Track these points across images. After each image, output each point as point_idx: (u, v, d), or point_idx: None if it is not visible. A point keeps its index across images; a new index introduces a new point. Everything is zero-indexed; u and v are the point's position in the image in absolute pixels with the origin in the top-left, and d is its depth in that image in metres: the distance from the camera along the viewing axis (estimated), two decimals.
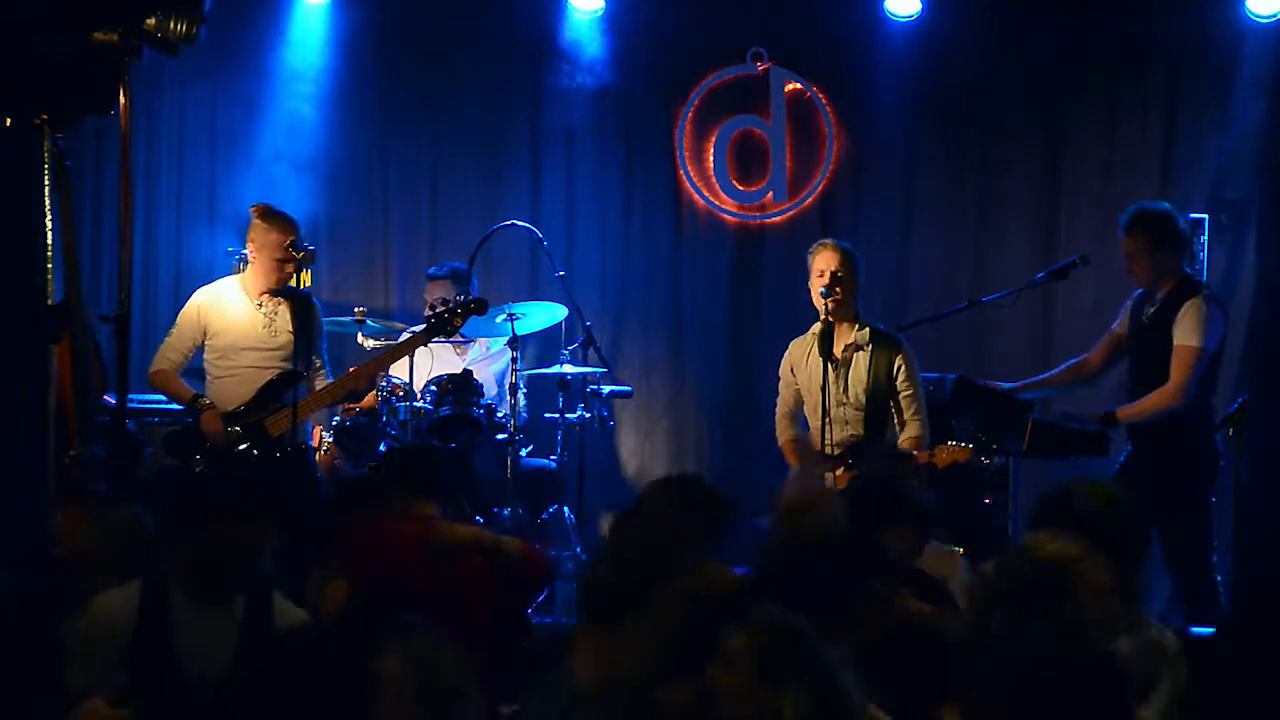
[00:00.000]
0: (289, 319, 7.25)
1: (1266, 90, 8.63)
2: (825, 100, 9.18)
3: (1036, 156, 9.11)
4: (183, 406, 7.30)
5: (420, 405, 7.71)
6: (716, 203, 9.22)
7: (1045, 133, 9.10)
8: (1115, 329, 7.29)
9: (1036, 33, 8.97)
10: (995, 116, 9.14)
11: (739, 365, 9.18)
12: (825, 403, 6.82)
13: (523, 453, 8.00)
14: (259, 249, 7.26)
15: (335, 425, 7.76)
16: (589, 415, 8.15)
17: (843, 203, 9.22)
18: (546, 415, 8.30)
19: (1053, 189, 9.05)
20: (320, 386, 7.31)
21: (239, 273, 7.65)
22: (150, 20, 5.24)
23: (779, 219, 9.23)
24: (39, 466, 5.17)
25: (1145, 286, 7.11)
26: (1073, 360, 7.46)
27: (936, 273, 9.13)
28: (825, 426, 6.82)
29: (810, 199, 9.21)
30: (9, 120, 5.19)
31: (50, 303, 5.31)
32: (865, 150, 9.22)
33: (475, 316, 7.45)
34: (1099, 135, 9.03)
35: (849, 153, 9.20)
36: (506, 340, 7.93)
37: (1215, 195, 8.74)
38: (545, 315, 8.11)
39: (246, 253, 7.43)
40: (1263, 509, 7.75)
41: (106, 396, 6.28)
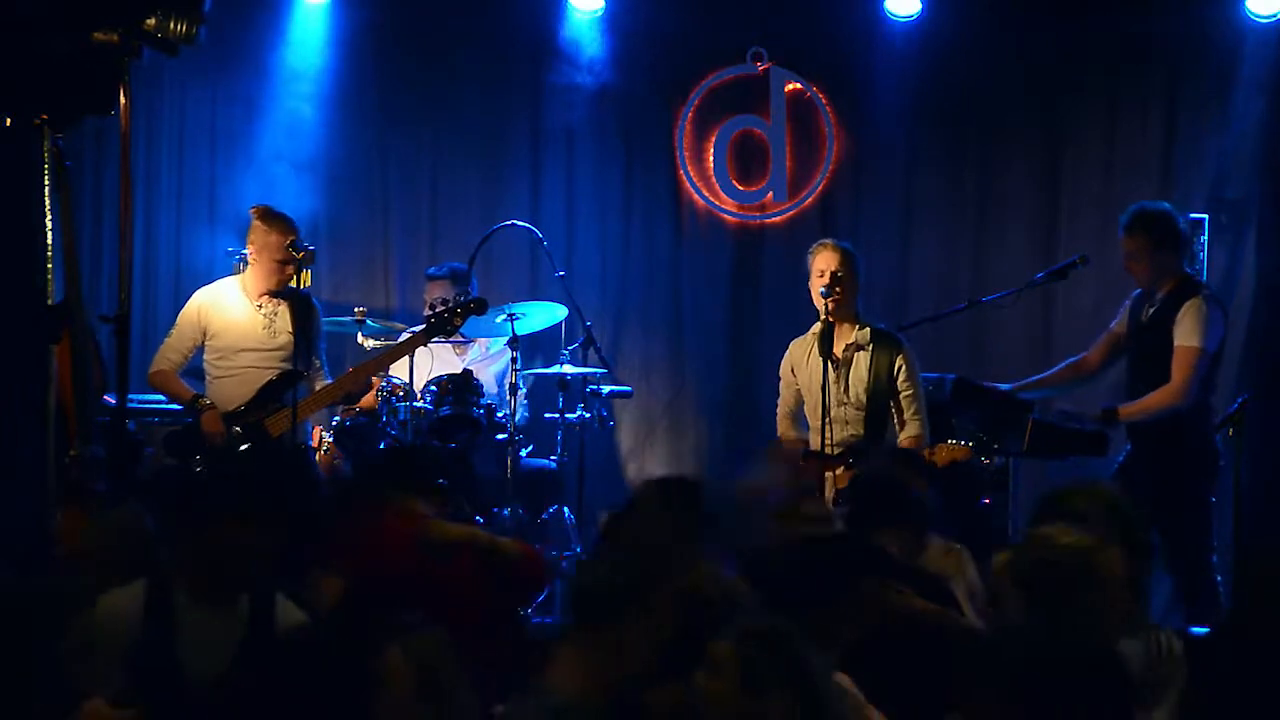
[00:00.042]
0: (289, 320, 7.25)
1: (1266, 90, 8.64)
2: (825, 100, 9.18)
3: (1036, 156, 9.11)
4: (182, 407, 7.30)
5: (420, 405, 7.71)
6: (716, 203, 9.22)
7: (1045, 133, 9.10)
8: (1114, 328, 7.29)
9: (1036, 33, 8.97)
10: (995, 116, 9.14)
11: (739, 365, 9.18)
12: (825, 402, 6.82)
13: (523, 453, 8.01)
14: (259, 251, 7.26)
15: (335, 425, 7.76)
16: (589, 415, 8.15)
17: (843, 203, 9.22)
18: (546, 415, 8.30)
19: (1053, 189, 9.05)
20: (319, 387, 7.31)
21: (239, 273, 7.65)
22: (150, 20, 5.24)
23: (779, 219, 9.23)
24: (39, 466, 5.17)
25: (1145, 286, 7.11)
26: (1071, 359, 7.46)
27: (936, 273, 9.13)
28: (825, 426, 6.82)
29: (810, 199, 9.21)
30: (9, 120, 5.19)
31: (50, 303, 5.32)
32: (865, 150, 9.22)
33: (475, 316, 7.46)
34: (1099, 135, 9.03)
35: (849, 153, 9.20)
36: (506, 340, 7.93)
37: (1215, 195, 8.74)
38: (545, 315, 8.11)
39: (246, 253, 7.43)
40: (1263, 509, 7.77)
41: (106, 396, 6.28)
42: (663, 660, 3.70)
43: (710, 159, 9.21)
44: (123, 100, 5.30)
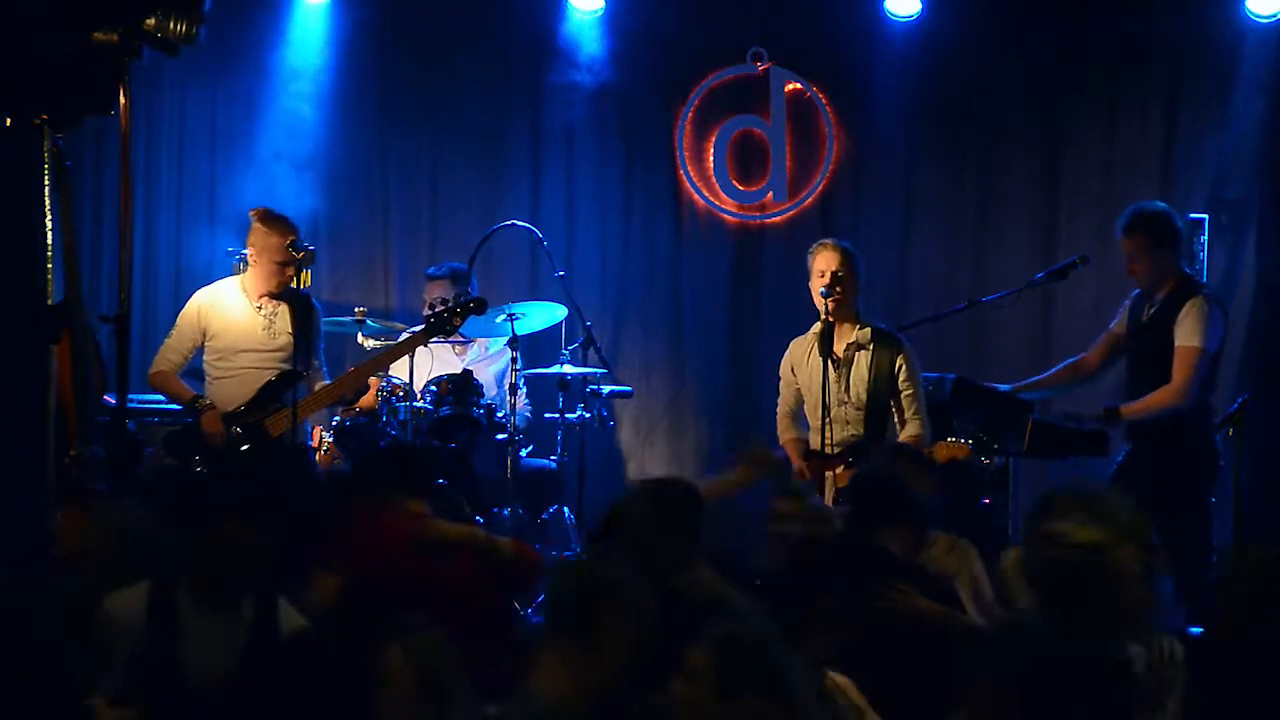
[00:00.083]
0: (289, 321, 7.25)
1: (1266, 90, 8.64)
2: (825, 100, 9.18)
3: (1036, 156, 9.11)
4: (182, 407, 7.30)
5: (420, 405, 7.71)
6: (716, 203, 9.22)
7: (1045, 133, 9.10)
8: (1113, 328, 7.29)
9: (1036, 33, 8.97)
10: (995, 116, 9.15)
11: (739, 365, 9.18)
12: (826, 401, 6.81)
13: (523, 453, 8.00)
14: (259, 252, 7.26)
15: (335, 425, 7.76)
16: (589, 415, 8.15)
17: (843, 203, 9.22)
18: (547, 415, 8.30)
19: (1053, 189, 9.06)
20: (318, 387, 7.31)
21: (239, 273, 7.65)
22: (150, 20, 5.24)
23: (779, 219, 9.23)
24: (39, 466, 5.17)
25: (1145, 287, 7.10)
26: (1071, 360, 7.46)
27: (936, 273, 9.13)
28: (826, 426, 6.82)
29: (810, 199, 9.21)
30: (9, 120, 5.19)
31: (50, 303, 5.31)
32: (865, 150, 9.22)
33: (475, 316, 7.45)
34: (1099, 135, 9.03)
35: (849, 153, 9.20)
36: (506, 340, 7.93)
37: (1215, 195, 8.74)
38: (545, 315, 8.11)
39: (247, 253, 7.43)
40: (1263, 509, 7.77)
41: (106, 396, 6.28)
42: (647, 663, 3.68)
43: (710, 159, 9.21)
44: (123, 100, 5.29)
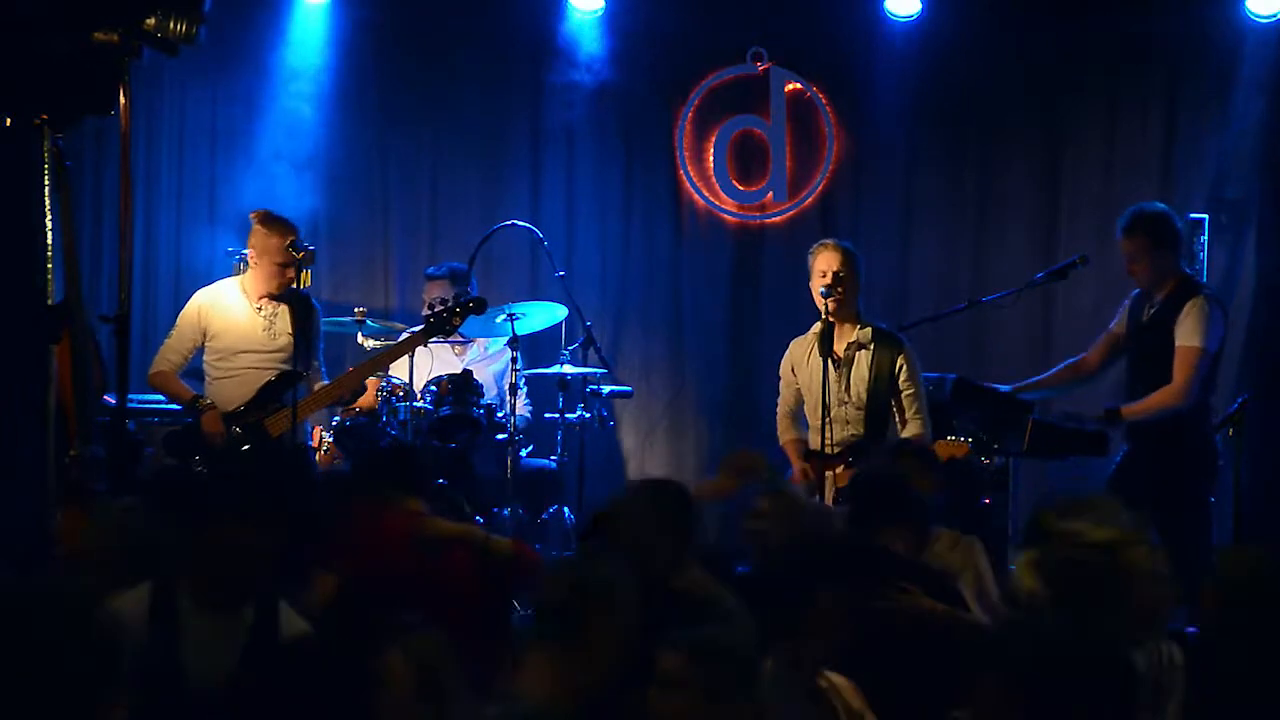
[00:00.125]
0: (289, 322, 7.25)
1: (1266, 90, 8.64)
2: (825, 100, 9.19)
3: (1036, 156, 9.11)
4: (182, 407, 7.30)
5: (420, 405, 7.71)
6: (716, 203, 9.22)
7: (1045, 133, 9.11)
8: (1113, 329, 7.28)
9: (1036, 33, 8.98)
10: (995, 116, 9.15)
11: (739, 365, 9.18)
12: (826, 401, 6.81)
13: (523, 453, 8.00)
14: (260, 254, 7.26)
15: (335, 425, 7.76)
16: (589, 415, 8.15)
17: (843, 203, 9.22)
18: (547, 415, 8.30)
19: (1053, 189, 9.06)
20: (317, 388, 7.31)
21: (239, 273, 7.65)
22: (150, 20, 5.24)
23: (779, 219, 9.24)
24: (39, 466, 5.17)
25: (1145, 288, 7.10)
26: (1070, 360, 7.46)
27: (936, 273, 9.14)
28: (826, 426, 6.82)
29: (810, 199, 9.22)
30: (9, 120, 5.19)
31: (50, 303, 5.31)
32: (865, 150, 9.22)
33: (474, 316, 7.45)
34: (1099, 135, 9.04)
35: (849, 153, 9.20)
36: (506, 340, 7.93)
37: (1215, 195, 8.75)
38: (545, 315, 8.11)
39: (247, 254, 7.43)
40: (1263, 509, 7.77)
41: (106, 396, 6.28)
42: (635, 664, 3.68)
43: (710, 159, 9.21)
44: (123, 100, 5.29)
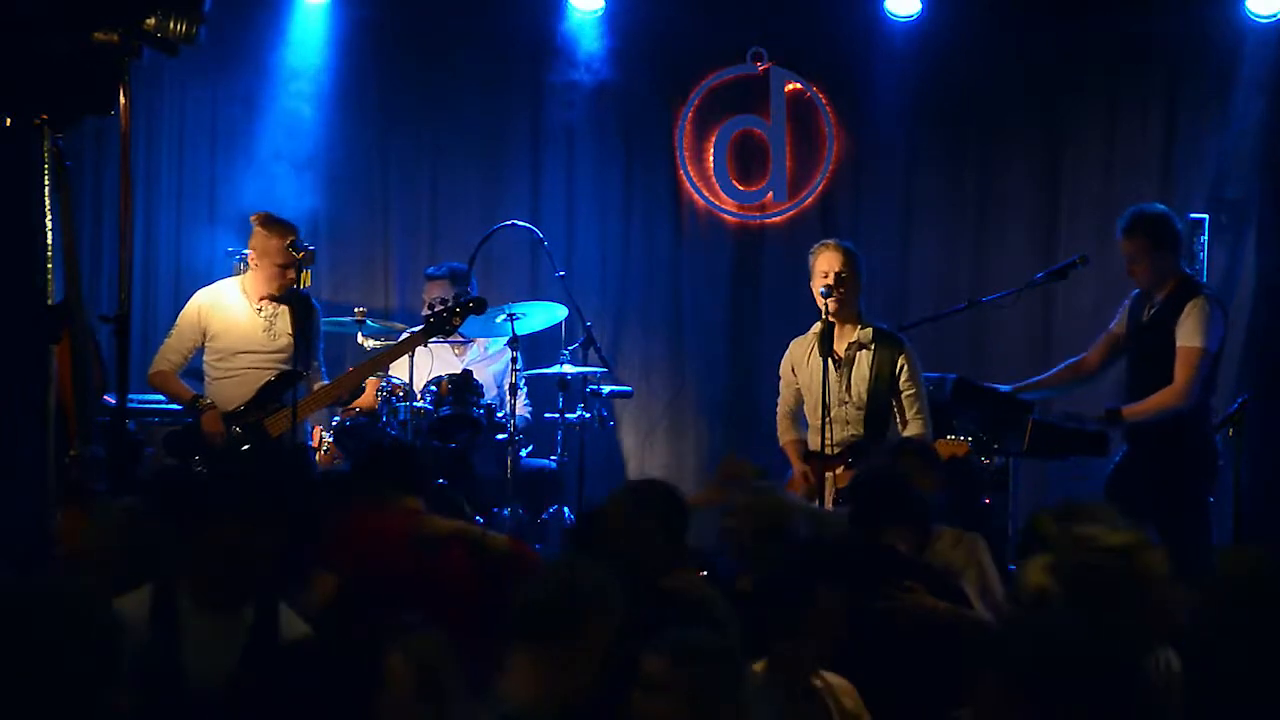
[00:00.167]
0: (289, 323, 7.25)
1: (1266, 90, 8.64)
2: (825, 100, 9.18)
3: (1036, 156, 9.11)
4: (183, 407, 7.30)
5: (420, 405, 7.71)
6: (716, 203, 9.22)
7: (1045, 133, 9.11)
8: (1113, 329, 7.29)
9: (1036, 33, 8.98)
10: (995, 116, 9.15)
11: (739, 365, 9.18)
12: (826, 401, 6.81)
13: (523, 453, 8.00)
14: (260, 255, 7.26)
15: (335, 425, 7.76)
16: (589, 415, 8.15)
17: (843, 203, 9.22)
18: (547, 415, 8.30)
19: (1053, 189, 9.06)
20: (316, 388, 7.30)
21: (239, 273, 7.65)
22: (150, 20, 5.24)
23: (779, 219, 9.23)
24: (39, 466, 5.17)
25: (1145, 288, 7.10)
26: (1070, 360, 7.46)
27: (936, 273, 9.14)
28: (826, 426, 6.82)
29: (810, 199, 9.21)
30: (9, 120, 5.19)
31: (50, 303, 5.31)
32: (865, 150, 9.22)
33: (474, 316, 7.45)
34: (1099, 135, 9.03)
35: (849, 153, 9.20)
36: (506, 340, 7.93)
37: (1215, 195, 8.75)
38: (545, 315, 8.11)
39: (247, 253, 7.43)
40: (1263, 509, 7.77)
41: (106, 396, 6.28)
42: (621, 668, 3.67)
43: (710, 159, 9.21)
44: (123, 100, 5.29)
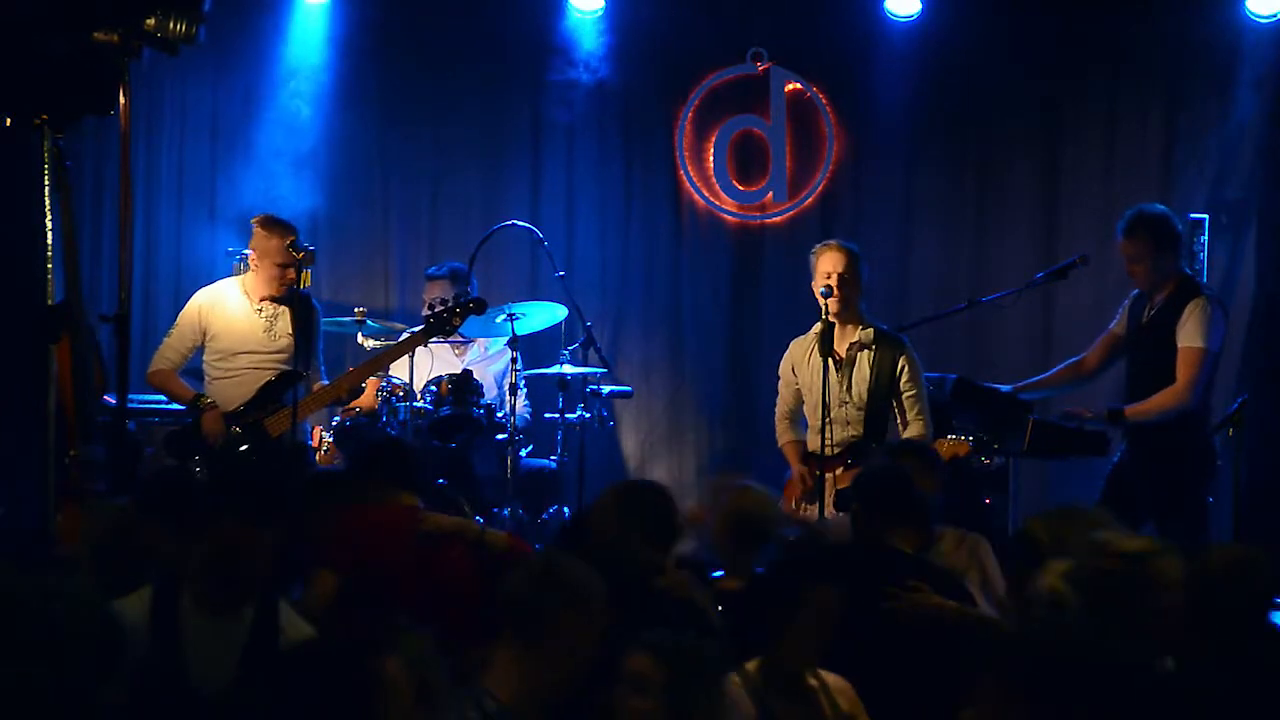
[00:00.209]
0: (289, 323, 7.25)
1: (1266, 90, 8.64)
2: (825, 100, 9.18)
3: (1036, 156, 9.11)
4: (183, 406, 7.30)
5: (420, 405, 7.71)
6: (716, 203, 9.22)
7: (1045, 133, 9.10)
8: (1113, 329, 7.28)
9: (1036, 33, 8.97)
10: (995, 116, 9.14)
11: (739, 365, 9.17)
12: (826, 401, 6.80)
13: (523, 453, 8.00)
14: (261, 256, 7.27)
15: (335, 425, 7.76)
16: (589, 415, 8.15)
17: (843, 203, 9.22)
18: (546, 415, 8.30)
19: (1053, 189, 9.05)
20: (316, 388, 7.30)
21: (239, 273, 7.65)
22: (150, 20, 5.25)
23: (779, 219, 9.23)
24: (39, 466, 5.17)
25: (1146, 289, 7.10)
26: (1070, 360, 7.46)
27: (936, 273, 9.13)
28: (826, 426, 6.81)
29: (810, 199, 9.21)
30: (9, 120, 5.19)
31: (50, 303, 5.32)
32: (865, 150, 9.21)
33: (474, 316, 7.45)
34: (1099, 135, 9.03)
35: (849, 153, 9.20)
36: (506, 340, 7.93)
37: (1215, 195, 8.75)
38: (545, 315, 8.11)
39: (247, 254, 7.44)
40: (1262, 509, 7.76)
41: (106, 396, 6.28)
42: (603, 664, 3.67)
43: (710, 159, 9.21)
44: (123, 100, 5.30)
